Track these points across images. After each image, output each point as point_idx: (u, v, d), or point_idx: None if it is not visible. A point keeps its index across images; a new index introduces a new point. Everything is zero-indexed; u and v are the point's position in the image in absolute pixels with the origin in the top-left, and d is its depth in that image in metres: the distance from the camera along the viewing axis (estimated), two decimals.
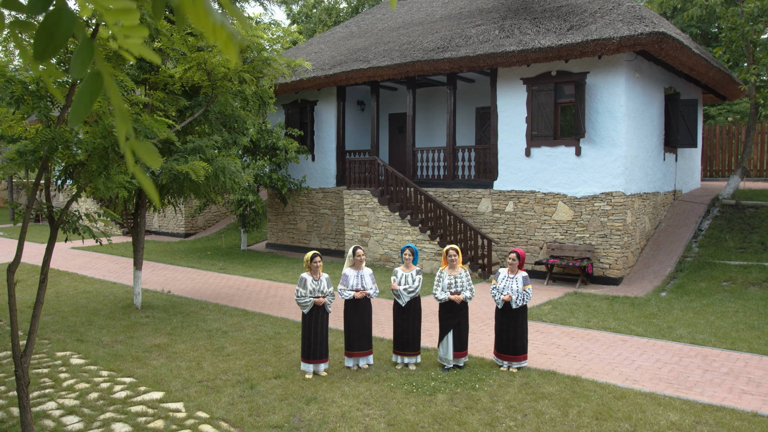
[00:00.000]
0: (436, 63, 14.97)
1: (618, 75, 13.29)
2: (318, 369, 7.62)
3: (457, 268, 7.71)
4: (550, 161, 14.38)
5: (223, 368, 7.88)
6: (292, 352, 8.56)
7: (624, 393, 6.79)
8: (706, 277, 12.83)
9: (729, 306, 10.92)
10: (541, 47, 13.21)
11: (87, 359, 8.26)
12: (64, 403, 6.65)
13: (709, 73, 15.57)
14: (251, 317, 10.72)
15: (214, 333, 9.64)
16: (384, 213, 16.14)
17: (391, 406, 6.52)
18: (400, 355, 7.90)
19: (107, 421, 6.19)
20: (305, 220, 19.80)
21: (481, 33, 14.85)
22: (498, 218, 15.29)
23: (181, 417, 6.30)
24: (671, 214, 16.29)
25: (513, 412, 6.30)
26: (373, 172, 16.53)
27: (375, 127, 17.91)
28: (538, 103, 14.36)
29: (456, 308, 7.62)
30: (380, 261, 16.30)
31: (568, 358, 8.15)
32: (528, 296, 7.62)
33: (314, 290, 7.53)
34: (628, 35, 12.12)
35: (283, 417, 6.27)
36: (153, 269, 16.27)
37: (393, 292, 7.86)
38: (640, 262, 14.32)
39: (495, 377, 7.38)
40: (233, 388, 7.13)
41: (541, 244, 14.56)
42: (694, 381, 7.21)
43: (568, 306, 11.31)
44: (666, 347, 8.60)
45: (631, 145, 13.72)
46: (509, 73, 14.90)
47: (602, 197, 13.63)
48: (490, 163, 15.45)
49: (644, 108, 14.42)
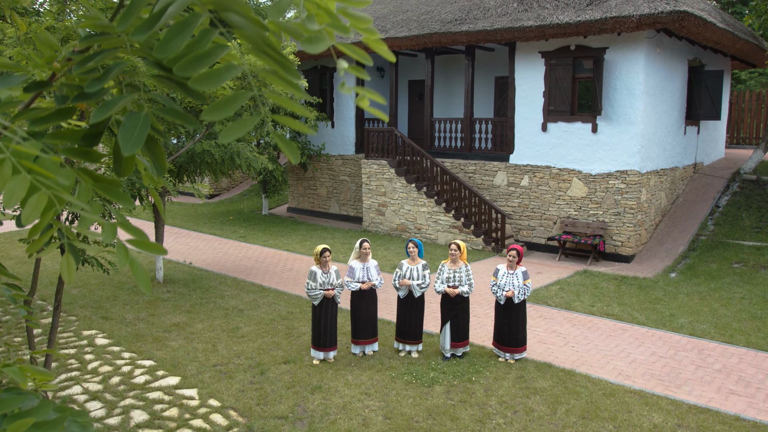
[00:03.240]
0: (454, 35, 14.85)
1: (638, 51, 13.06)
2: (327, 356, 8.05)
3: (458, 262, 7.96)
4: (566, 137, 14.34)
5: (236, 351, 8.36)
6: (303, 335, 9.00)
7: (614, 390, 7.09)
8: (718, 257, 12.88)
9: (736, 291, 11.02)
10: (559, 23, 13.01)
11: (111, 339, 8.81)
12: (89, 388, 7.20)
13: (736, 45, 15.17)
14: (267, 294, 11.18)
15: (230, 312, 10.12)
16: (401, 184, 16.35)
17: (389, 398, 6.93)
18: (402, 343, 8.28)
19: (127, 408, 6.71)
20: (325, 186, 20.11)
21: (499, 5, 14.62)
22: (513, 192, 15.39)
23: (194, 405, 6.79)
24: (690, 188, 16.18)
25: (504, 409, 6.65)
26: (391, 142, 16.67)
27: (393, 96, 17.91)
28: (556, 78, 14.23)
29: (453, 301, 7.91)
30: (396, 231, 16.62)
31: (566, 349, 8.44)
32: (528, 290, 7.87)
33: (324, 283, 7.87)
34: (648, 13, 11.87)
35: (288, 407, 6.72)
36: (177, 236, 16.83)
37: (395, 286, 8.15)
38: (654, 239, 14.37)
39: (492, 369, 7.72)
40: (245, 374, 7.60)
41: (555, 220, 14.67)
42: (685, 378, 7.46)
43: (576, 287, 11.53)
44: (664, 338, 8.82)
45: (649, 122, 13.58)
46: (527, 46, 14.72)
47: (617, 175, 13.61)
48: (507, 136, 15.45)
49: (665, 83, 14.18)
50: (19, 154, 1.07)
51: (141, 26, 1.06)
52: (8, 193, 1.03)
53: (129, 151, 1.10)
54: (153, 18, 1.06)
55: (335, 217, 19.88)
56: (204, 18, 1.08)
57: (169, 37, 1.06)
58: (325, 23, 1.07)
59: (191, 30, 1.07)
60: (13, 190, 1.03)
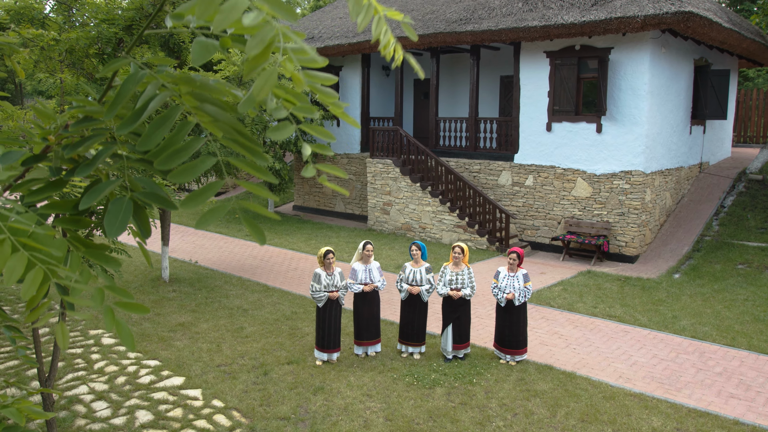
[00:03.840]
0: (459, 35, 14.86)
1: (643, 52, 13.04)
2: (331, 358, 8.13)
3: (460, 265, 8.01)
4: (570, 137, 14.34)
5: (240, 351, 8.45)
6: (306, 335, 9.08)
7: (614, 393, 7.13)
8: (722, 258, 12.87)
9: (740, 293, 11.03)
10: (563, 23, 13.00)
11: (117, 338, 8.92)
12: (95, 388, 7.31)
13: (743, 44, 15.10)
14: (271, 294, 11.27)
15: (235, 311, 10.22)
16: (405, 183, 16.40)
17: (391, 400, 7.00)
18: (405, 345, 8.35)
19: (132, 408, 6.82)
20: None
21: (504, 5, 14.62)
22: (518, 191, 15.41)
23: (198, 406, 6.89)
24: (695, 188, 16.15)
25: (504, 411, 6.71)
26: (396, 142, 16.71)
27: (399, 95, 17.95)
28: (561, 78, 14.22)
29: (456, 304, 7.97)
30: (401, 230, 16.67)
31: (568, 351, 8.49)
32: (529, 293, 7.91)
33: (328, 285, 7.94)
34: (653, 14, 11.85)
35: (290, 408, 6.80)
36: (183, 235, 16.96)
37: (399, 289, 8.22)
38: (658, 239, 14.37)
39: (493, 370, 7.78)
40: (248, 374, 7.69)
41: (559, 219, 14.69)
42: (686, 381, 7.49)
43: (579, 288, 11.56)
44: (666, 341, 8.85)
45: (654, 123, 13.56)
46: (532, 45, 14.72)
47: (621, 175, 13.61)
48: (512, 135, 15.47)
49: (670, 83, 14.15)
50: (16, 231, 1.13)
51: (125, 122, 1.13)
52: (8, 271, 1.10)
53: (113, 235, 1.18)
54: (136, 113, 1.13)
55: (340, 215, 19.95)
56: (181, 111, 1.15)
57: (151, 131, 1.13)
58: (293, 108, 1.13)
59: (170, 123, 1.13)
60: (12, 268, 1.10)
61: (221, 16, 0.93)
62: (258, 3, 0.97)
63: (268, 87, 1.06)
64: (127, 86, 1.14)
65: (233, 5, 0.93)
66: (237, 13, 0.94)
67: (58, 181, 1.29)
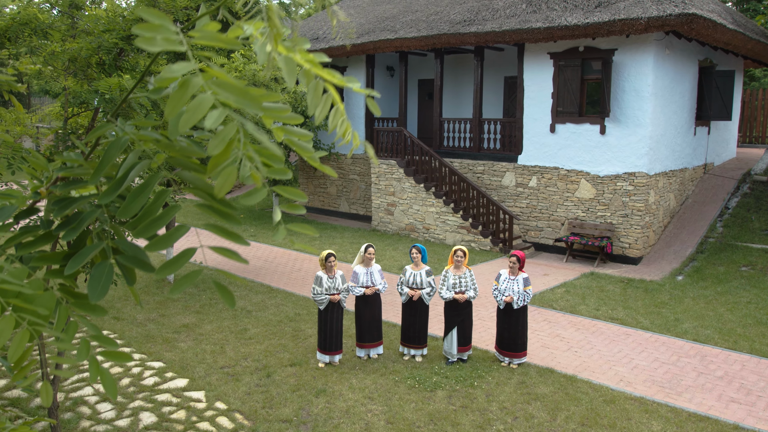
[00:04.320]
0: (462, 36, 14.88)
1: (646, 53, 13.03)
2: (333, 360, 8.19)
3: (462, 268, 8.05)
4: (574, 138, 14.35)
5: (244, 353, 8.52)
6: (309, 337, 9.14)
7: (614, 397, 7.16)
8: (725, 260, 12.86)
9: (743, 296, 11.02)
10: (567, 25, 13.00)
11: (122, 339, 9.01)
12: (100, 389, 7.39)
13: (748, 45, 15.06)
14: (275, 295, 11.34)
15: (239, 313, 10.29)
16: (409, 184, 16.44)
17: (392, 402, 7.05)
18: (407, 347, 8.40)
19: (136, 410, 6.89)
20: (335, 185, 20.24)
21: (508, 6, 14.63)
22: (521, 192, 15.43)
23: (201, 408, 6.96)
24: (700, 189, 16.12)
25: (505, 414, 6.76)
26: (400, 142, 16.75)
27: (403, 96, 17.98)
28: (565, 79, 14.23)
29: (460, 307, 8.02)
30: (405, 230, 16.72)
31: (569, 354, 8.52)
32: (529, 297, 7.94)
33: (329, 288, 8.00)
34: (656, 16, 11.84)
35: (292, 410, 6.87)
36: (187, 235, 17.05)
37: (399, 292, 8.27)
38: (662, 240, 14.36)
39: (494, 373, 7.82)
40: (251, 376, 7.76)
41: (563, 221, 14.70)
42: (686, 385, 7.51)
43: (582, 290, 11.58)
44: (668, 344, 8.87)
45: (658, 124, 13.56)
46: (536, 47, 14.73)
47: (625, 177, 13.61)
48: (515, 136, 15.48)
49: (674, 84, 14.13)
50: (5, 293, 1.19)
51: (107, 191, 1.19)
52: None
53: (95, 299, 1.24)
54: (117, 182, 1.18)
55: (345, 215, 20.01)
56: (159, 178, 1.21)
57: (130, 200, 1.18)
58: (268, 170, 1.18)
59: (149, 191, 1.19)
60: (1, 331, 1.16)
61: (186, 116, 0.98)
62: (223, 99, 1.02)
63: (229, 185, 1.11)
64: (110, 152, 1.20)
65: (198, 104, 0.98)
66: (201, 112, 0.99)
67: (47, 234, 1.35)
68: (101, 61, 4.26)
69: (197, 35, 1.05)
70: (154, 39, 0.99)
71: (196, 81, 1.02)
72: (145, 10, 1.00)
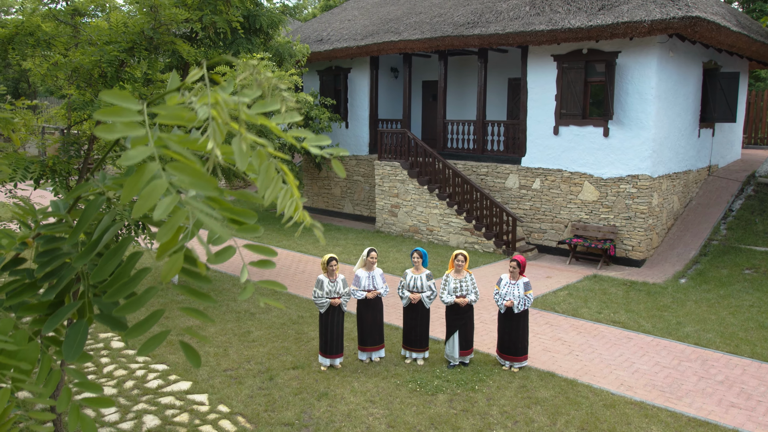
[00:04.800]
0: (466, 39, 14.91)
1: (650, 56, 13.03)
2: (334, 363, 8.25)
3: (462, 272, 8.09)
4: (577, 140, 14.36)
5: (247, 356, 8.59)
6: (312, 339, 9.20)
7: (615, 401, 7.19)
8: (729, 263, 12.85)
9: (745, 299, 11.02)
10: (570, 28, 13.02)
11: (123, 342, 9.09)
12: (104, 392, 7.47)
13: (752, 47, 15.04)
14: (278, 297, 11.40)
15: (242, 315, 10.37)
16: (413, 186, 16.49)
17: (393, 406, 7.10)
18: (409, 350, 8.45)
19: (140, 412, 6.97)
20: (339, 186, 20.31)
21: (512, 8, 14.65)
22: (525, 194, 15.45)
23: (204, 411, 7.03)
24: (704, 191, 16.10)
25: (505, 419, 6.80)
26: (404, 144, 16.80)
27: (407, 98, 18.03)
28: (568, 81, 14.24)
29: (461, 311, 8.06)
30: (409, 232, 16.77)
31: (570, 357, 8.55)
32: (529, 301, 7.98)
33: (330, 291, 8.06)
34: (660, 19, 11.84)
35: (294, 414, 6.93)
36: None
37: (400, 296, 8.32)
38: (666, 243, 14.36)
39: (495, 377, 7.86)
40: (254, 379, 7.82)
41: (566, 223, 14.72)
42: (687, 390, 7.53)
43: (584, 293, 11.60)
44: (669, 348, 8.88)
45: (661, 127, 13.56)
46: (540, 49, 14.74)
47: (628, 179, 13.62)
48: (519, 138, 15.51)
49: (678, 87, 14.13)
50: None
51: (83, 253, 1.25)
52: None
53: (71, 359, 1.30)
54: (93, 244, 1.24)
55: (349, 216, 20.07)
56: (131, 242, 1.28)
57: (104, 263, 1.24)
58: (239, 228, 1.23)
59: (122, 254, 1.24)
60: None
61: (140, 203, 1.03)
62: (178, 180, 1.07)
63: (175, 271, 1.16)
64: (88, 212, 1.26)
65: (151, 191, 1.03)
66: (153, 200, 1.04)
67: (32, 284, 1.41)
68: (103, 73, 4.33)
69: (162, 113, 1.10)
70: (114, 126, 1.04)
71: (152, 166, 1.07)
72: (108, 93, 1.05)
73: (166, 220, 1.08)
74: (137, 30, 4.23)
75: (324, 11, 34.06)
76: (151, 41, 4.39)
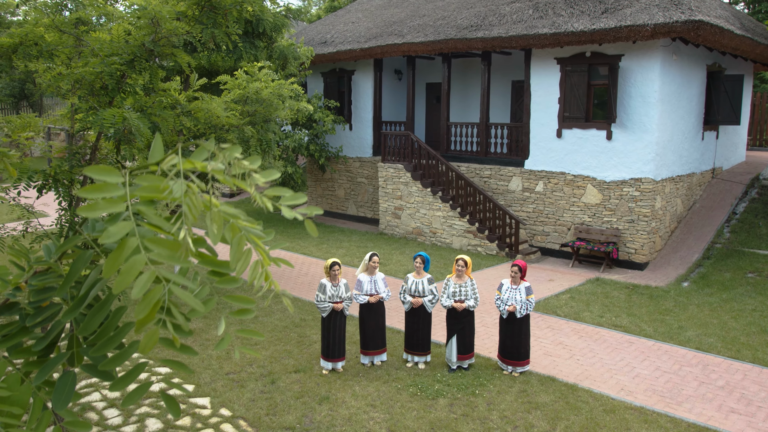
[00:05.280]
0: (469, 42, 14.94)
1: (653, 59, 13.03)
2: (336, 366, 8.30)
3: (463, 277, 8.13)
4: (580, 143, 14.37)
5: (249, 359, 8.65)
6: (314, 343, 9.25)
7: (615, 406, 7.21)
8: (732, 266, 12.84)
9: (748, 303, 11.01)
10: (573, 31, 13.03)
11: None
12: (107, 395, 7.54)
13: (756, 50, 15.01)
14: (281, 300, 11.43)
15: (245, 318, 10.41)
16: (416, 188, 16.52)
17: (394, 410, 7.15)
18: (410, 354, 8.49)
19: (142, 416, 7.04)
20: (343, 188, 20.37)
21: (515, 11, 14.67)
22: (528, 197, 15.47)
23: (206, 414, 7.09)
24: (708, 194, 16.08)
25: (505, 423, 6.83)
26: (407, 146, 16.84)
27: (410, 100, 18.06)
28: (571, 84, 14.25)
29: (460, 315, 8.10)
30: (412, 234, 16.81)
31: (571, 362, 8.57)
32: (531, 306, 8.01)
33: (333, 296, 8.11)
34: (663, 22, 11.84)
35: (296, 418, 6.98)
36: None
37: (402, 301, 8.36)
38: (669, 245, 14.35)
39: (496, 381, 7.89)
40: (256, 383, 7.88)
41: (569, 226, 14.73)
42: (687, 395, 7.55)
43: (586, 296, 11.62)
44: (670, 352, 8.90)
45: (665, 130, 13.55)
46: (543, 52, 14.75)
47: (631, 182, 13.62)
48: (522, 141, 15.52)
49: (681, 90, 14.12)
50: None
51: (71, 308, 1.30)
52: None
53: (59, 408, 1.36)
54: (80, 300, 1.29)
55: (353, 218, 20.12)
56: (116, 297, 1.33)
57: (90, 318, 1.29)
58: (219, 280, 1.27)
59: (107, 310, 1.29)
60: None
61: (120, 279, 1.08)
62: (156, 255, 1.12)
63: (152, 344, 1.21)
64: (76, 266, 1.31)
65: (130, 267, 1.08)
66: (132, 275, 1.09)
67: (24, 329, 1.46)
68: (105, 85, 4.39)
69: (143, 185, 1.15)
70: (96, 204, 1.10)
71: (132, 242, 1.12)
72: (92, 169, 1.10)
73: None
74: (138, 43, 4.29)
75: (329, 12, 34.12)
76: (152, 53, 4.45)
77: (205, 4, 4.67)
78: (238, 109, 6.94)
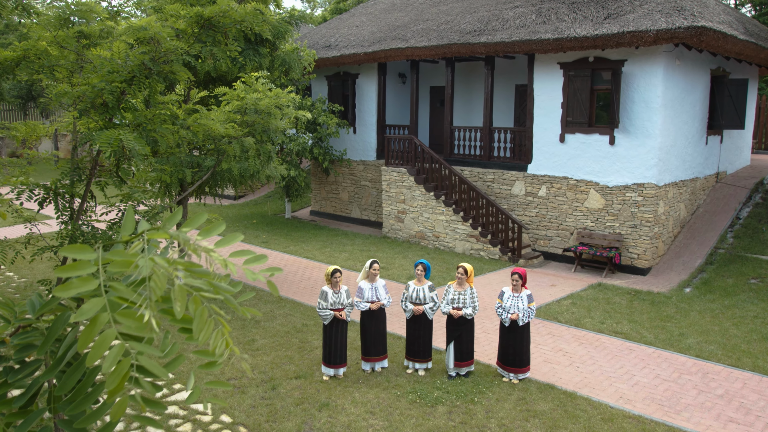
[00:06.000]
0: (472, 46, 14.97)
1: (656, 65, 13.02)
2: (337, 373, 8.36)
3: (464, 285, 8.17)
4: (583, 148, 14.38)
5: (251, 364, 8.71)
6: (315, 348, 9.31)
7: (613, 415, 7.24)
8: (734, 272, 12.82)
9: (750, 309, 11.00)
10: (576, 36, 13.04)
11: None
12: None
13: (760, 55, 14.97)
14: (283, 305, 11.54)
15: (247, 323, 10.50)
16: (420, 192, 16.57)
17: (393, 418, 7.20)
18: (411, 361, 8.54)
19: (144, 422, 7.10)
20: (347, 191, 20.43)
21: (518, 16, 14.69)
22: (531, 202, 15.49)
23: (207, 421, 7.16)
24: (711, 198, 16.05)
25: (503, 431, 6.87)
26: (411, 150, 16.89)
27: (414, 104, 18.11)
28: (574, 89, 14.26)
29: (458, 322, 8.14)
30: (415, 238, 16.85)
31: (571, 369, 8.59)
32: (533, 313, 8.04)
33: (334, 303, 8.17)
34: (665, 29, 11.84)
35: (295, 425, 7.04)
36: None
37: (403, 308, 8.41)
38: (672, 250, 14.34)
39: (495, 389, 7.92)
40: (257, 389, 7.95)
41: (572, 230, 14.74)
42: (686, 404, 7.56)
43: (588, 302, 11.63)
44: (670, 360, 8.91)
45: (668, 135, 13.54)
46: (546, 57, 14.77)
47: (634, 188, 13.62)
48: (525, 146, 15.54)
49: (685, 94, 14.10)
50: None
51: (50, 369, 1.36)
52: None
53: None
54: (58, 360, 1.35)
55: (356, 221, 20.18)
56: None
57: (66, 378, 1.35)
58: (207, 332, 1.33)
59: (82, 370, 1.35)
60: None
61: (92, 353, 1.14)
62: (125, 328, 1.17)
63: (122, 412, 1.27)
64: (55, 327, 1.37)
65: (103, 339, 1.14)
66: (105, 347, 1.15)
67: (3, 383, 1.53)
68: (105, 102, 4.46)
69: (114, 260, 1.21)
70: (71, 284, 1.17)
71: (104, 317, 1.19)
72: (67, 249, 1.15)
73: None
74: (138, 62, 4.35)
75: (335, 14, 34.19)
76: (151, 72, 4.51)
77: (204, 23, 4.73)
78: (237, 119, 7.00)
